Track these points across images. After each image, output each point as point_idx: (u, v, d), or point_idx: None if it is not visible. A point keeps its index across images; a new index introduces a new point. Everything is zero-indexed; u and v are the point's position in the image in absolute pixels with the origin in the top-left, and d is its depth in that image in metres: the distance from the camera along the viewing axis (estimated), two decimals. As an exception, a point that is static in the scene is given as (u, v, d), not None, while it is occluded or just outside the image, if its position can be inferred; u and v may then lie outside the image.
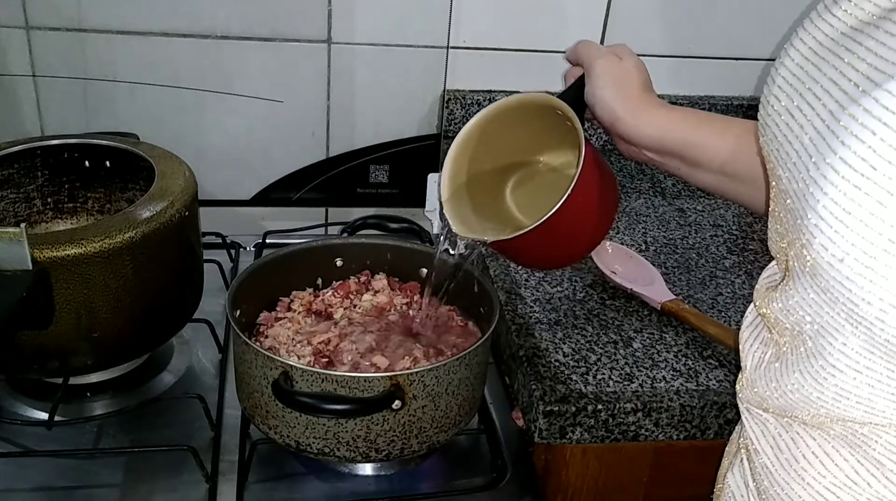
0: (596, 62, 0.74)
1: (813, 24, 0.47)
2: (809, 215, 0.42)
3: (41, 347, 0.76)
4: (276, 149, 1.17)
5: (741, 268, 1.03)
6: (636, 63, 0.76)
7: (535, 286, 0.97)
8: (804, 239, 0.43)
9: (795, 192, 0.44)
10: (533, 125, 0.79)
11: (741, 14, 1.20)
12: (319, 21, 1.10)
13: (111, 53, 1.08)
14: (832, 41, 0.45)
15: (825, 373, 0.46)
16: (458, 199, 0.80)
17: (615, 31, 1.19)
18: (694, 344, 0.88)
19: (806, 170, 0.43)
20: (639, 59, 0.76)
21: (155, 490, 0.75)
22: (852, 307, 0.42)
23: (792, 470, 0.52)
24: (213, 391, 0.87)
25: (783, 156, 0.46)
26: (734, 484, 0.60)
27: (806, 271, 0.45)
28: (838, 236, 0.41)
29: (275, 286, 0.89)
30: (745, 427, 0.57)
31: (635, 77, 0.75)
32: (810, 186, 0.42)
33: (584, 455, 0.83)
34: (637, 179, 1.26)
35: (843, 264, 0.41)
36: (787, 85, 0.47)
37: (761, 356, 0.54)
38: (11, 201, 0.92)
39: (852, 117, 0.40)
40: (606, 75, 0.74)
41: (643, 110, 0.73)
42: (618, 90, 0.74)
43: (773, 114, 0.48)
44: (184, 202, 0.81)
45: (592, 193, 0.72)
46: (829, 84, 0.43)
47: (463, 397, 0.76)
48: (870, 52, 0.41)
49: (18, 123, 1.11)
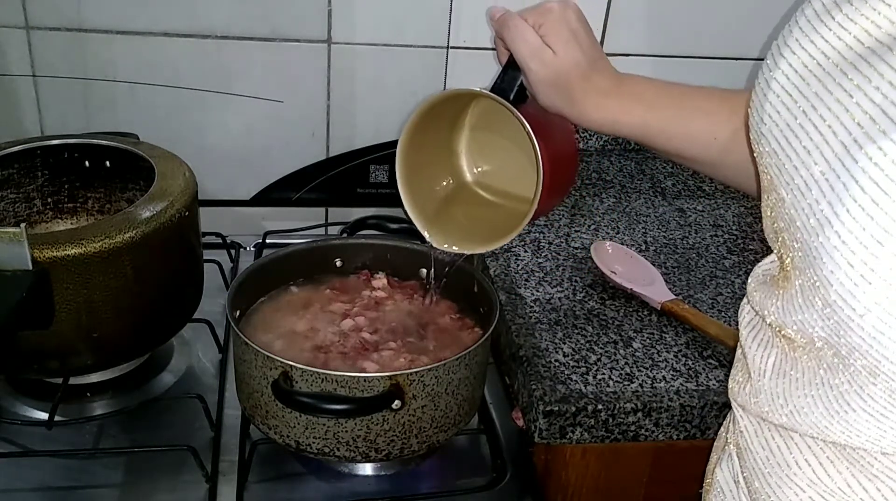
0: (528, 66, 0.66)
1: (814, 29, 0.43)
2: (825, 259, 0.40)
3: (41, 347, 0.76)
4: (276, 149, 1.17)
5: (741, 268, 1.03)
6: (567, 50, 0.66)
7: (535, 286, 0.97)
8: (818, 276, 0.40)
9: (806, 226, 0.41)
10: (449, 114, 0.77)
11: (742, 14, 1.20)
12: (319, 21, 1.10)
13: (111, 53, 1.08)
14: (840, 56, 0.41)
15: (837, 406, 0.44)
16: (437, 216, 0.79)
17: (615, 31, 1.19)
18: (694, 344, 0.88)
19: (819, 209, 0.40)
20: (568, 31, 0.66)
21: (155, 490, 0.75)
22: (873, 363, 0.40)
23: (784, 475, 0.50)
24: (213, 391, 0.87)
25: (786, 177, 0.44)
26: (723, 480, 0.59)
27: (817, 305, 0.42)
28: (859, 291, 0.38)
29: (275, 287, 0.89)
30: (736, 425, 0.56)
31: (572, 71, 0.66)
32: (825, 228, 0.39)
33: (584, 455, 0.83)
34: (637, 179, 1.26)
35: (863, 319, 0.38)
36: (787, 97, 0.44)
37: (765, 362, 0.51)
38: (11, 201, 0.92)
39: (870, 159, 0.37)
40: (541, 84, 0.67)
41: (591, 106, 0.67)
42: (558, 93, 0.67)
43: (772, 126, 0.45)
44: (184, 202, 0.81)
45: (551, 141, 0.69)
46: (839, 109, 0.40)
47: (463, 397, 0.76)
48: (884, 81, 0.38)
49: (18, 123, 1.11)
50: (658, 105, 0.68)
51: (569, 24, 0.66)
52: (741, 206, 1.20)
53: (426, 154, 0.77)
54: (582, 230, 1.10)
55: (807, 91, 0.43)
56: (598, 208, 1.16)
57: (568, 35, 0.66)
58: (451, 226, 0.79)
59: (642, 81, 0.69)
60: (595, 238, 1.07)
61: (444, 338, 0.85)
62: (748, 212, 1.18)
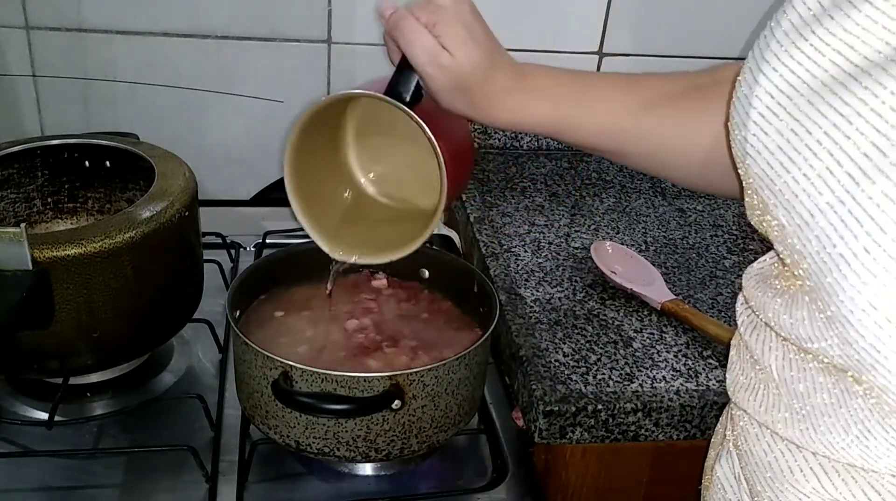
0: (425, 72, 0.62)
1: (793, 43, 0.41)
2: (842, 297, 0.38)
3: (41, 347, 0.76)
4: (276, 149, 1.17)
5: (741, 268, 1.03)
6: (464, 52, 0.61)
7: (535, 286, 0.97)
8: (833, 311, 0.39)
9: (815, 259, 0.40)
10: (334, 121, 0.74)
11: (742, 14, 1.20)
12: (319, 21, 1.10)
13: (111, 53, 1.08)
14: (827, 75, 0.39)
15: (857, 432, 0.43)
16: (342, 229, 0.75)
17: (615, 31, 1.19)
18: (694, 344, 0.88)
19: (830, 243, 0.38)
20: (464, 29, 0.61)
21: (155, 490, 0.75)
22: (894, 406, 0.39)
23: (787, 482, 0.49)
24: (213, 391, 0.87)
25: (784, 204, 0.42)
26: (723, 477, 0.58)
27: (833, 339, 0.41)
28: (884, 334, 0.37)
29: (275, 287, 0.89)
30: (736, 426, 0.55)
31: (472, 75, 0.62)
32: (841, 266, 0.38)
33: (584, 455, 0.83)
34: (637, 179, 1.26)
35: (889, 361, 0.37)
36: (774, 117, 0.42)
37: (781, 374, 0.49)
38: (11, 201, 0.92)
39: (885, 195, 0.36)
40: (441, 90, 0.63)
41: (494, 108, 0.64)
42: (459, 96, 0.63)
43: (760, 148, 0.43)
44: (184, 202, 0.81)
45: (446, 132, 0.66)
46: (838, 135, 0.38)
47: (463, 397, 0.76)
48: (885, 107, 0.36)
49: (18, 123, 1.11)
50: (561, 98, 0.65)
51: (464, 21, 0.61)
52: (741, 206, 1.19)
53: (317, 169, 0.73)
54: (582, 230, 1.10)
55: (795, 112, 0.41)
56: (598, 208, 1.16)
57: (464, 34, 0.61)
58: (356, 238, 0.75)
59: (542, 74, 0.66)
60: (595, 238, 1.07)
61: (444, 338, 0.85)
62: (748, 212, 1.18)
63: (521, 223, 1.10)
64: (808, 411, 0.46)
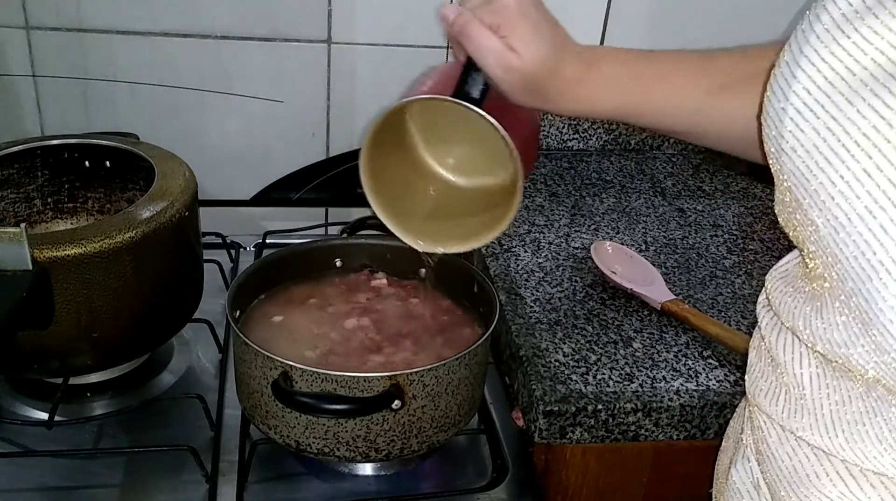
0: (494, 75, 0.61)
1: (833, 39, 0.40)
2: (881, 305, 0.38)
3: (41, 347, 0.76)
4: (276, 149, 1.17)
5: (741, 268, 1.03)
6: (531, 49, 0.60)
7: (535, 286, 0.97)
8: (869, 318, 0.39)
9: (851, 263, 0.39)
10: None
11: (742, 14, 1.20)
12: (319, 21, 1.10)
13: (111, 53, 1.08)
14: (868, 73, 0.38)
15: (892, 440, 0.42)
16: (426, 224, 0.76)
17: (615, 31, 1.19)
18: (694, 344, 0.88)
19: (869, 248, 0.38)
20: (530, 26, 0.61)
21: (155, 490, 0.75)
22: None
23: (812, 487, 0.48)
24: (213, 391, 0.87)
25: (818, 204, 0.41)
26: (740, 482, 0.57)
27: (868, 345, 0.40)
28: None
29: (275, 287, 0.89)
30: (756, 429, 0.54)
31: (540, 71, 0.61)
32: (880, 273, 0.37)
33: (584, 455, 0.83)
34: (637, 179, 1.26)
35: None
36: (811, 114, 0.41)
37: (802, 379, 0.48)
38: (11, 201, 0.92)
39: None
40: (511, 89, 0.62)
41: (564, 100, 0.64)
42: (530, 93, 0.63)
43: (795, 145, 0.42)
44: (184, 202, 0.81)
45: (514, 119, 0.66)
46: (877, 138, 0.37)
47: (463, 397, 0.76)
48: None
49: (18, 123, 1.11)
50: (631, 84, 0.64)
51: (529, 18, 0.61)
52: (741, 206, 1.20)
53: (393, 169, 0.74)
54: (582, 230, 1.10)
55: (833, 110, 0.40)
56: (598, 208, 1.16)
57: (530, 32, 0.60)
58: (442, 230, 0.76)
59: (611, 59, 0.65)
60: (595, 238, 1.07)
61: (444, 338, 0.85)
62: (748, 212, 1.18)
63: (521, 223, 1.10)
64: (836, 419, 0.46)
